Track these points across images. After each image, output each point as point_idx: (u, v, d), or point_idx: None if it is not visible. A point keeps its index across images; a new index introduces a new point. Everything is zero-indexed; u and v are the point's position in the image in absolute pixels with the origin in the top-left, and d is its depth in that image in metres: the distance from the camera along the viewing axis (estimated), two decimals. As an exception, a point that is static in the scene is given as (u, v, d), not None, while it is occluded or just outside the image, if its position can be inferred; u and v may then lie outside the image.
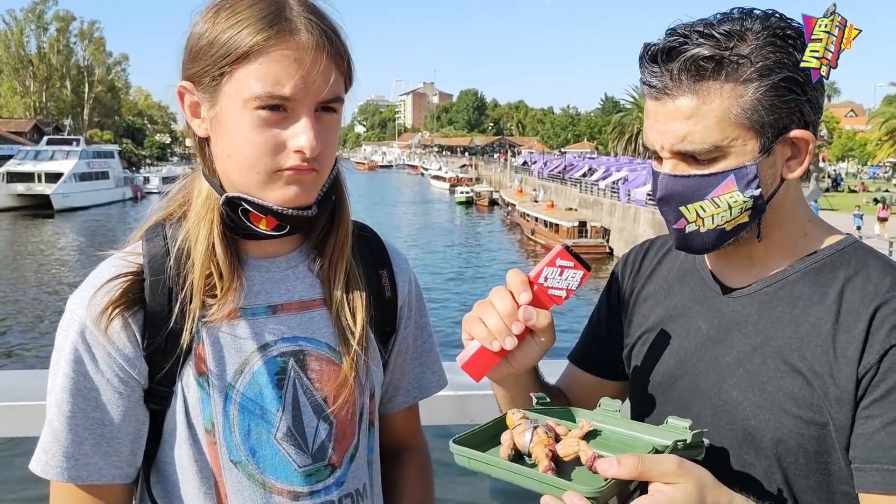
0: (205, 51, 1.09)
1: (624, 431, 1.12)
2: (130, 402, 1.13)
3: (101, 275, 1.14)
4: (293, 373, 1.19)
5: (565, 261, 1.14)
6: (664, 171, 1.15)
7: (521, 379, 1.26)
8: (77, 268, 29.09)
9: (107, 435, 1.12)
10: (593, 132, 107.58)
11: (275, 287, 1.21)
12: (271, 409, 1.16)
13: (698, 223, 1.15)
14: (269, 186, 1.11)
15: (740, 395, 1.14)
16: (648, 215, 31.69)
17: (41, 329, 20.15)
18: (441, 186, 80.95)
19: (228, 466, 1.15)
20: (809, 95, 1.10)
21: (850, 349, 1.06)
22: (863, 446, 1.04)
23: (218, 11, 1.09)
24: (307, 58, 1.07)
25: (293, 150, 1.09)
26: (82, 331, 1.11)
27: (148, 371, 1.14)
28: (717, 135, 1.09)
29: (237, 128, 1.09)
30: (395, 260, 1.37)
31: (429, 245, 37.97)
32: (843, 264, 1.15)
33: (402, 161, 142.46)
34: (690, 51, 1.07)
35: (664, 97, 1.11)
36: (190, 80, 1.12)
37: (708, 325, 1.23)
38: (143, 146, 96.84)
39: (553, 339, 1.18)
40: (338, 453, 1.22)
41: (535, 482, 0.96)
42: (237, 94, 1.07)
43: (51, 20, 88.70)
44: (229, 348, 1.16)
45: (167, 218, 1.21)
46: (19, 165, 50.02)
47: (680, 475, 0.92)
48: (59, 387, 1.11)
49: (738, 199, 1.11)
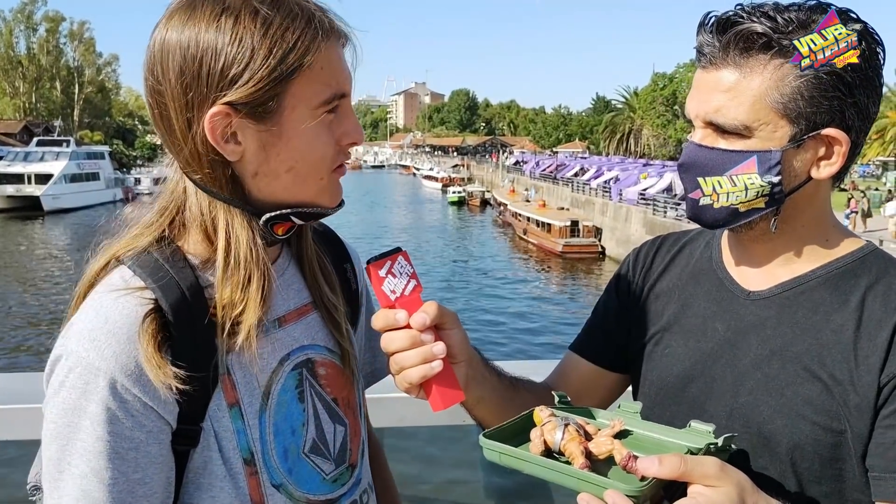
0: (250, 71, 0.98)
1: (650, 433, 1.11)
2: (165, 451, 1.02)
3: (114, 318, 0.99)
4: (308, 383, 1.17)
5: (381, 269, 1.08)
6: (693, 140, 1.16)
7: (475, 368, 1.21)
8: (67, 269, 28.95)
9: (147, 494, 1.01)
10: (585, 132, 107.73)
11: (275, 299, 1.16)
12: (299, 424, 1.15)
13: (713, 198, 1.14)
14: (326, 189, 1.10)
15: (757, 399, 1.14)
16: (640, 214, 31.78)
17: (30, 332, 20.05)
18: (433, 186, 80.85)
19: (271, 492, 1.10)
20: (857, 99, 1.08)
21: (871, 357, 1.06)
22: (882, 456, 1.04)
23: (242, 25, 0.98)
24: (344, 53, 1.08)
25: (346, 145, 1.09)
26: (112, 385, 0.96)
27: (178, 413, 1.03)
28: (750, 114, 1.08)
29: (306, 136, 1.04)
30: (352, 251, 1.39)
31: (426, 245, 37.97)
32: (865, 272, 1.14)
33: (394, 161, 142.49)
34: (744, 25, 1.07)
35: (710, 67, 1.11)
36: (227, 105, 0.99)
37: (725, 326, 1.22)
38: (134, 147, 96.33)
39: (451, 315, 1.13)
40: (354, 453, 1.23)
41: (573, 479, 0.93)
42: (303, 103, 1.03)
43: (40, 21, 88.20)
44: (254, 371, 1.10)
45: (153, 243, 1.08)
46: (9, 167, 49.66)
47: (721, 478, 0.90)
48: (93, 452, 0.97)
49: (756, 182, 1.10)
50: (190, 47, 0.98)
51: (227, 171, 1.05)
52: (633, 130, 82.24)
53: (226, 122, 1.00)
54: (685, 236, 1.41)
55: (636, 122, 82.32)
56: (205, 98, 0.99)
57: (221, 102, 0.99)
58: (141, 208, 1.14)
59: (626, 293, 1.40)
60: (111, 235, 1.11)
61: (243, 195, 1.07)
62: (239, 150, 1.03)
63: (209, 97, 0.99)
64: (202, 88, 0.99)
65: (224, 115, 0.99)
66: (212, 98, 0.99)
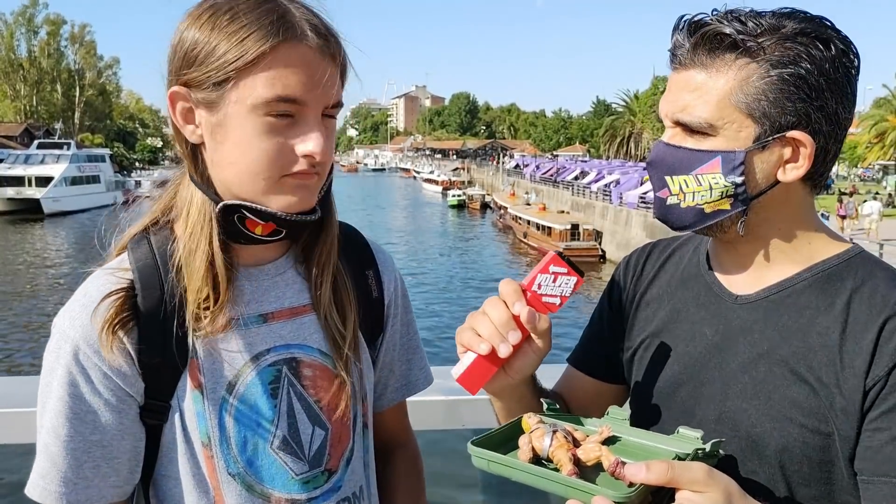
0: (205, 57, 1.05)
1: (636, 440, 1.11)
2: (128, 421, 1.12)
3: (91, 293, 1.11)
4: (286, 381, 1.18)
5: (558, 267, 1.13)
6: (662, 139, 1.17)
7: (519, 389, 1.25)
8: (67, 272, 28.95)
9: (106, 456, 1.11)
10: (585, 135, 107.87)
11: (265, 295, 1.20)
12: (266, 419, 1.16)
13: (680, 197, 1.15)
14: (273, 193, 1.10)
15: (745, 403, 1.13)
16: (640, 218, 31.78)
17: (29, 335, 20.05)
18: (433, 190, 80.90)
19: (226, 479, 1.14)
20: (824, 103, 1.08)
21: (857, 360, 1.05)
22: (871, 459, 1.04)
23: (215, 16, 1.06)
24: (315, 63, 1.06)
25: (301, 156, 1.08)
26: (75, 352, 1.08)
27: (144, 388, 1.12)
28: (714, 113, 1.09)
29: (243, 134, 1.06)
30: (380, 259, 1.37)
31: (426, 247, 37.95)
32: (850, 274, 1.14)
33: (394, 164, 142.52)
34: (713, 26, 1.09)
35: (680, 67, 1.13)
36: (185, 86, 1.09)
37: (713, 331, 1.22)
38: (135, 150, 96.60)
39: (549, 345, 1.16)
40: (334, 458, 1.22)
41: (561, 486, 0.94)
42: (244, 100, 1.05)
43: (41, 23, 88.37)
44: (223, 360, 1.14)
45: (148, 227, 1.18)
46: (9, 169, 49.64)
47: (709, 483, 0.90)
48: (54, 411, 1.08)
49: (720, 181, 1.11)
50: (175, 37, 1.10)
51: (198, 156, 1.13)
52: (633, 134, 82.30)
53: (184, 102, 1.10)
54: (674, 242, 1.41)
55: (636, 126, 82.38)
56: (173, 77, 1.10)
57: (180, 82, 1.09)
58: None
59: (618, 302, 1.40)
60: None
61: (210, 182, 1.13)
62: (196, 132, 1.11)
63: (175, 77, 1.10)
64: (173, 68, 1.10)
65: (182, 96, 1.09)
66: (175, 78, 1.10)
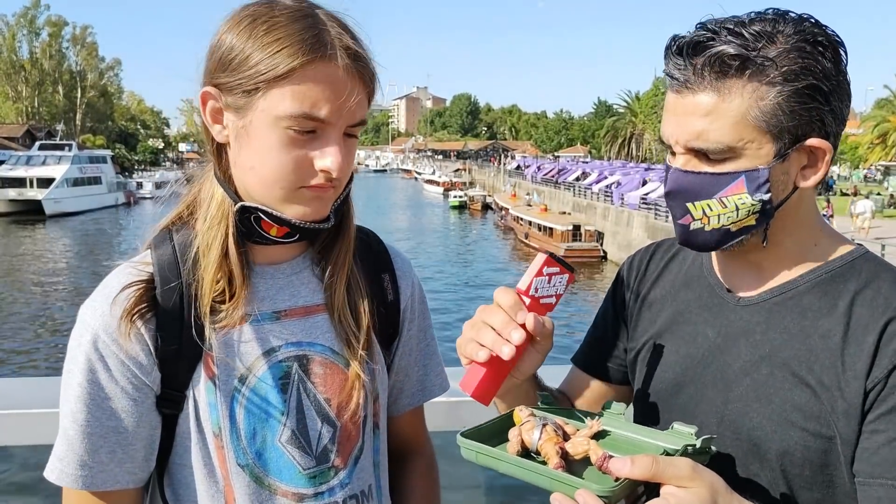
0: (239, 64, 1.08)
1: (630, 434, 1.11)
2: (144, 409, 1.15)
3: (111, 284, 1.15)
4: (297, 377, 1.21)
5: (552, 268, 1.16)
6: (676, 166, 1.14)
7: (524, 388, 1.25)
8: (69, 273, 28.98)
9: (122, 442, 1.14)
10: (586, 136, 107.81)
11: (279, 293, 1.23)
12: (276, 413, 1.19)
13: (704, 221, 1.14)
14: (289, 202, 1.13)
15: (746, 406, 1.13)
16: (641, 219, 31.77)
17: (33, 335, 20.07)
18: (435, 191, 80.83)
19: (236, 470, 1.17)
20: (833, 105, 1.08)
21: (858, 363, 1.05)
22: (867, 461, 1.03)
23: (253, 25, 1.08)
24: (343, 84, 1.08)
25: (319, 170, 1.11)
26: (95, 340, 1.12)
27: (161, 377, 1.16)
28: (733, 135, 1.07)
29: (265, 143, 1.09)
30: (398, 263, 1.38)
31: (427, 248, 37.97)
32: (854, 276, 1.13)
33: (395, 166, 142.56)
34: (717, 47, 1.05)
35: (685, 91, 1.09)
36: (217, 87, 1.12)
37: (715, 332, 1.21)
38: (136, 151, 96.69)
39: (552, 344, 1.18)
40: (341, 456, 1.24)
41: (546, 479, 0.95)
42: (270, 110, 1.07)
43: (43, 25, 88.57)
44: (236, 354, 1.18)
45: (174, 222, 1.22)
46: (11, 171, 49.71)
47: (693, 479, 0.90)
48: (73, 396, 1.13)
49: (747, 201, 1.09)
50: (215, 38, 1.13)
51: (222, 152, 1.17)
52: (634, 135, 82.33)
53: (215, 102, 1.13)
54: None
55: (638, 127, 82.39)
56: (207, 77, 1.14)
57: (213, 83, 1.12)
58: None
59: (622, 303, 1.40)
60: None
61: (231, 181, 1.17)
62: (223, 133, 1.14)
63: (209, 77, 1.13)
64: (208, 68, 1.14)
65: (213, 96, 1.12)
66: (209, 78, 1.13)
